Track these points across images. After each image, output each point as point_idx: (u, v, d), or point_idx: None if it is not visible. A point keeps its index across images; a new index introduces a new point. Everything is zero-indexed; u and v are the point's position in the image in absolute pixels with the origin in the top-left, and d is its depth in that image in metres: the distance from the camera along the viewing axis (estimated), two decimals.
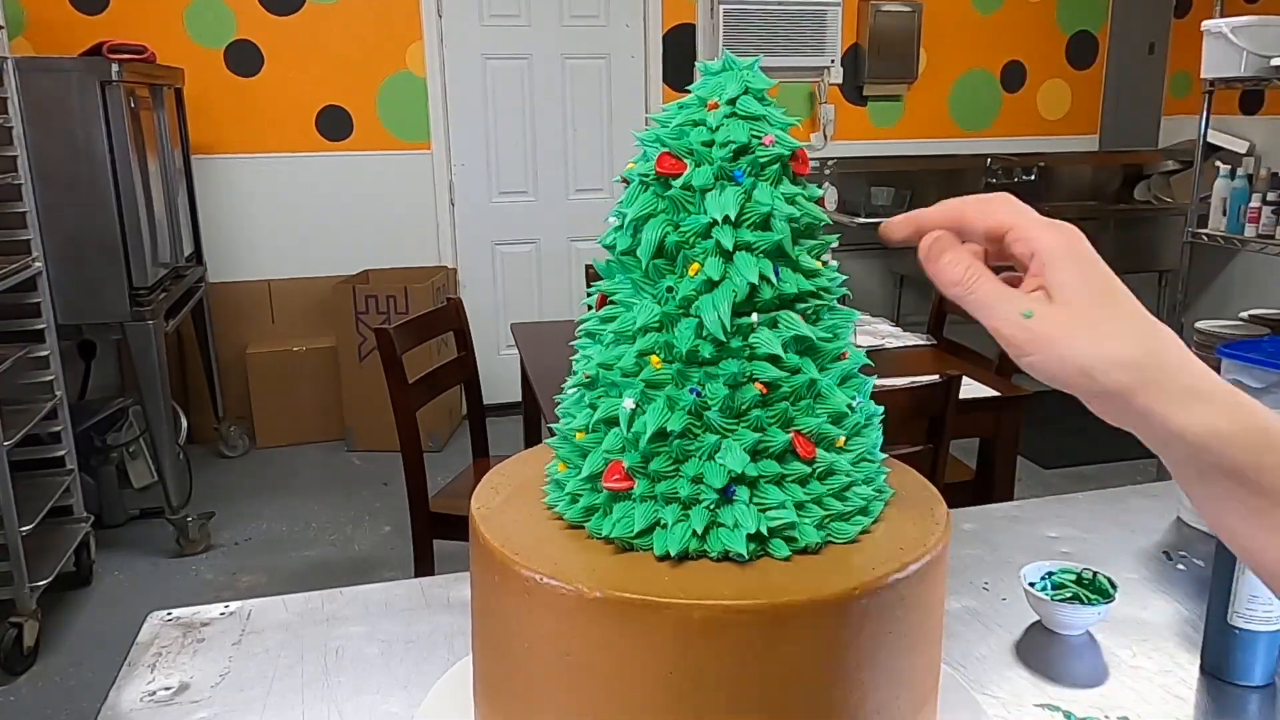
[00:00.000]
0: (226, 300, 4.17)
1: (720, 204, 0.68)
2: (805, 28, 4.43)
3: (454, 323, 2.54)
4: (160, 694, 0.94)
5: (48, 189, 2.85)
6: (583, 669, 0.64)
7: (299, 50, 4.10)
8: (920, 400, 1.74)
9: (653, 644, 0.62)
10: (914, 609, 0.67)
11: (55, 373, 2.78)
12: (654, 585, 0.63)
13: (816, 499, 0.68)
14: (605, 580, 0.64)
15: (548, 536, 0.70)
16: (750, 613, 0.61)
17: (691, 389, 0.67)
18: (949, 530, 0.72)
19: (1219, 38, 3.32)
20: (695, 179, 0.69)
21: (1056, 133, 5.11)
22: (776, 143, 0.70)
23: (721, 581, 0.64)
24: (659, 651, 0.62)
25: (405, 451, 2.22)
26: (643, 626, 0.62)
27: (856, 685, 0.65)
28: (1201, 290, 5.00)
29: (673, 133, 0.71)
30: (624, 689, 0.63)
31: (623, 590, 0.62)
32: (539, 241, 4.58)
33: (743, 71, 0.72)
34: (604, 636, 0.63)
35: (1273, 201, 3.34)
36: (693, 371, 0.68)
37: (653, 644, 0.62)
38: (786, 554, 0.67)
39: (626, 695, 0.63)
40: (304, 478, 3.88)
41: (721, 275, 0.68)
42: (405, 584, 1.15)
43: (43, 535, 2.68)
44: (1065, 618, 1.02)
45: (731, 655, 0.61)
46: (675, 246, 0.69)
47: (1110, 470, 3.80)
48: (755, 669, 0.62)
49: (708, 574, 0.65)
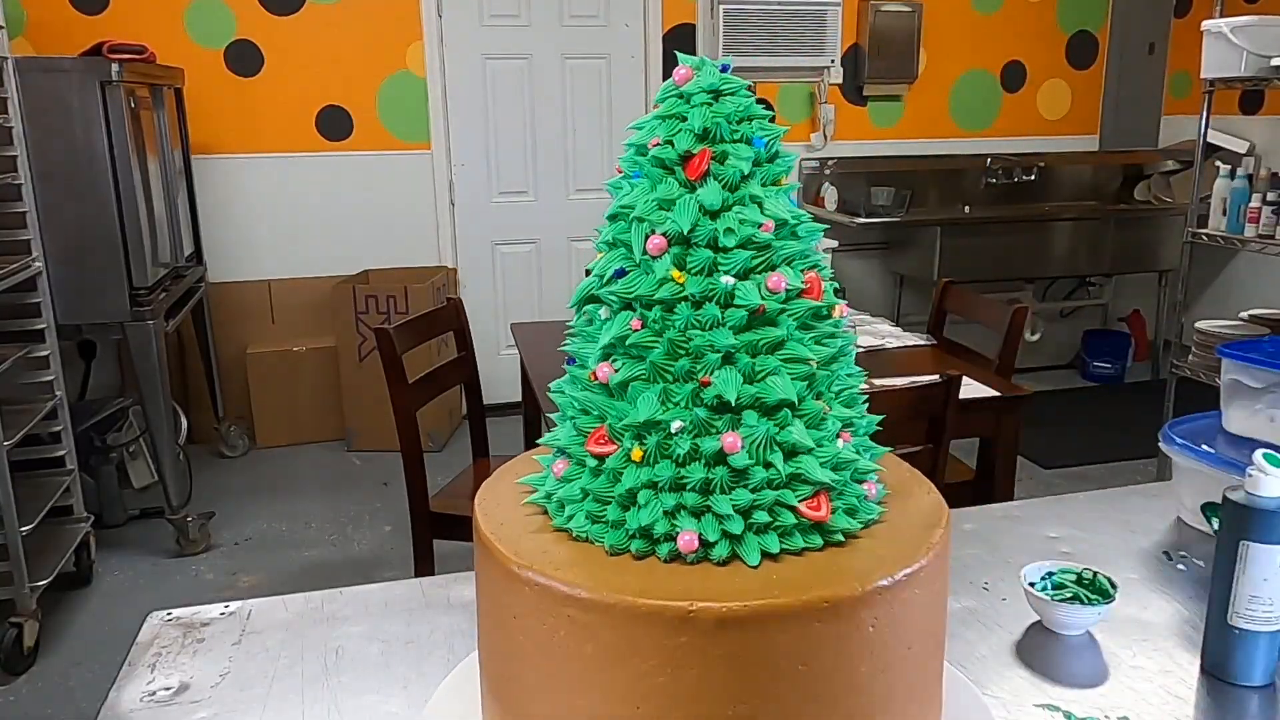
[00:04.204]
0: (226, 300, 4.17)
1: (611, 204, 0.75)
2: (805, 28, 4.43)
3: (454, 323, 2.54)
4: (160, 694, 0.93)
5: (48, 189, 2.85)
6: (588, 670, 0.64)
7: (299, 50, 4.10)
8: (920, 400, 1.74)
9: (655, 645, 0.62)
10: (914, 609, 0.67)
11: (55, 373, 2.77)
12: (656, 587, 0.63)
13: (598, 496, 0.71)
14: (608, 583, 0.64)
15: (551, 539, 0.71)
16: (751, 614, 0.61)
17: (569, 359, 0.77)
18: (949, 530, 0.72)
19: (1219, 38, 3.32)
20: (618, 178, 0.76)
21: (1056, 133, 5.11)
22: (666, 144, 0.73)
23: (723, 583, 0.64)
24: (661, 652, 0.62)
25: (405, 451, 2.22)
26: (645, 628, 0.62)
27: (858, 685, 0.65)
28: (1201, 290, 5.00)
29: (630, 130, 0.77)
30: (627, 689, 0.63)
31: (625, 593, 0.63)
32: (539, 241, 4.57)
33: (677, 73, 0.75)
34: (608, 638, 0.63)
35: (1273, 201, 3.34)
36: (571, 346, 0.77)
37: (655, 645, 0.62)
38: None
39: (630, 695, 0.63)
40: (304, 478, 3.88)
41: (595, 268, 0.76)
42: (405, 584, 1.15)
43: (43, 535, 2.68)
44: (1065, 618, 1.02)
45: (733, 656, 0.62)
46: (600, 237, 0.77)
47: (1110, 470, 3.79)
48: (757, 669, 0.62)
49: (709, 576, 0.65)
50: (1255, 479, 0.91)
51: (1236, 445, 1.30)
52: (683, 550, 0.66)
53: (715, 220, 0.70)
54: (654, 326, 0.70)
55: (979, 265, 4.49)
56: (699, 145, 0.71)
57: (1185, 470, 1.29)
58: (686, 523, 0.67)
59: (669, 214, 0.70)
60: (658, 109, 0.75)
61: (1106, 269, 4.85)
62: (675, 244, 0.70)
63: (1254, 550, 0.91)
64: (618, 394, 0.71)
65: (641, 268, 0.71)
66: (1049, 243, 4.62)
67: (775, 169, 0.74)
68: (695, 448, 0.67)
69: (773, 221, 0.71)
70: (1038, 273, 4.76)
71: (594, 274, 0.75)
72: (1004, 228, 4.58)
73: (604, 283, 0.73)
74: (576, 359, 0.76)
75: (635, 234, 0.71)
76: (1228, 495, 0.93)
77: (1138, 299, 5.30)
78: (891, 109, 4.86)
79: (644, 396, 0.69)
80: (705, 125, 0.71)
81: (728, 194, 0.71)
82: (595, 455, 0.70)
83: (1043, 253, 4.62)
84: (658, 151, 0.72)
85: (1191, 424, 1.36)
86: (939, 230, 4.40)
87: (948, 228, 4.42)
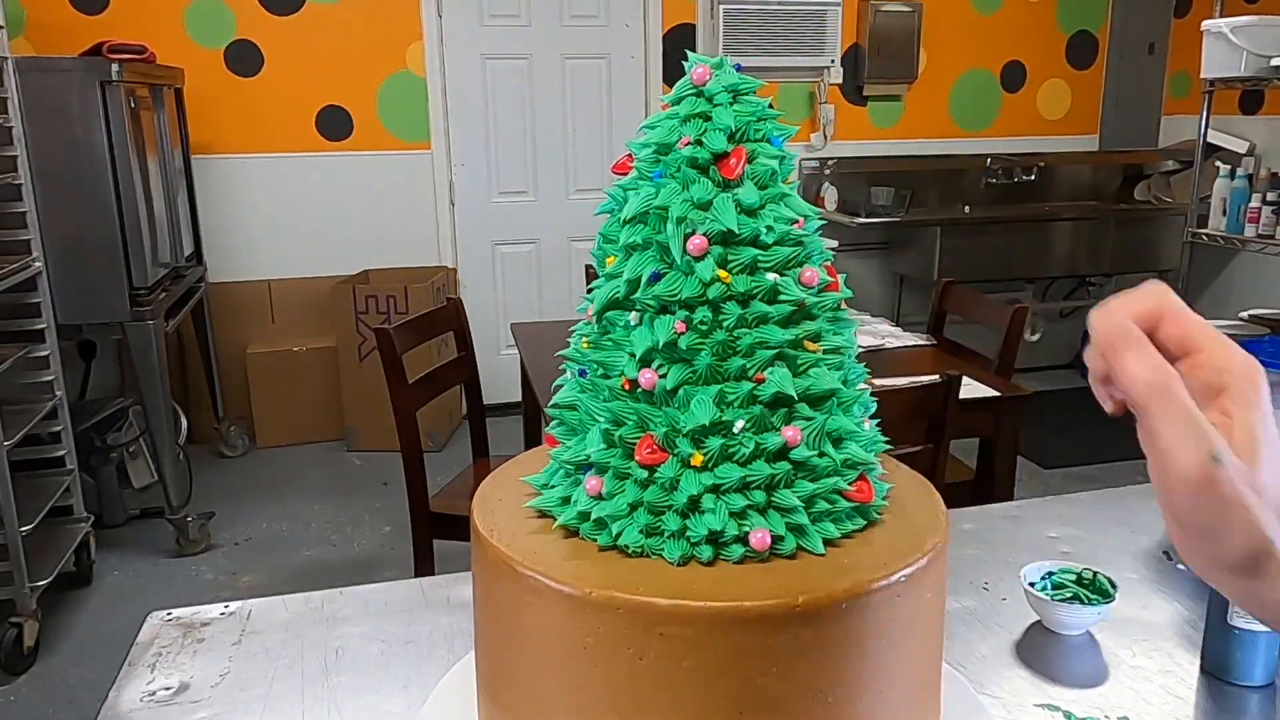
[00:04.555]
0: (226, 300, 4.17)
1: (631, 203, 0.71)
2: (805, 28, 4.44)
3: (454, 323, 2.54)
4: (160, 694, 0.94)
5: (48, 189, 2.85)
6: (584, 670, 0.64)
7: (299, 50, 4.10)
8: (920, 400, 1.74)
9: (653, 645, 0.62)
10: (914, 609, 0.67)
11: (55, 373, 2.77)
12: (654, 586, 0.63)
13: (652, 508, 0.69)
14: (606, 582, 0.64)
15: (549, 539, 0.71)
16: (751, 614, 0.61)
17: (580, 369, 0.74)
18: (949, 530, 0.72)
19: (1219, 38, 3.32)
20: (627, 178, 0.73)
21: (1056, 133, 5.11)
22: (695, 144, 0.71)
23: (722, 583, 0.64)
24: (659, 652, 0.62)
25: (405, 451, 2.22)
26: (643, 627, 0.62)
27: (856, 685, 0.65)
28: (1201, 290, 5.00)
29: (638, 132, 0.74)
30: (625, 689, 0.63)
31: (623, 591, 0.63)
32: (539, 241, 4.57)
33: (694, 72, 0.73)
34: (605, 638, 0.63)
35: (1273, 201, 3.34)
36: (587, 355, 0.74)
37: (653, 645, 0.62)
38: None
39: (627, 695, 0.63)
40: (304, 478, 3.88)
41: (617, 271, 0.71)
42: (405, 584, 1.15)
43: (43, 535, 2.68)
44: (1065, 618, 1.02)
45: (732, 656, 0.62)
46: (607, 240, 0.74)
47: (1110, 470, 3.79)
48: (756, 669, 0.62)
49: (708, 576, 0.65)
50: None
51: None
52: (757, 548, 0.67)
53: (754, 218, 0.70)
54: (700, 329, 0.69)
55: (979, 265, 4.49)
56: (730, 144, 0.71)
57: None
58: (757, 521, 0.67)
59: (707, 214, 0.70)
60: (672, 108, 0.73)
61: (1106, 269, 4.85)
62: (715, 243, 0.70)
63: None
64: (663, 400, 0.69)
65: (677, 269, 0.69)
66: (1049, 243, 4.62)
67: (787, 168, 0.75)
68: (758, 446, 0.68)
69: (804, 218, 0.72)
70: (1038, 273, 4.76)
71: (620, 278, 0.71)
72: (1004, 228, 4.58)
73: (642, 287, 0.70)
74: (597, 368, 0.73)
75: (674, 235, 0.69)
76: None
77: None
78: (891, 109, 4.86)
79: (698, 400, 0.68)
80: (734, 124, 0.71)
81: (761, 192, 0.71)
82: (645, 466, 0.68)
83: (1043, 253, 4.62)
84: (689, 151, 0.71)
85: None
86: (939, 230, 4.40)
87: (948, 228, 4.42)
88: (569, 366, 0.76)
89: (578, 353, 0.75)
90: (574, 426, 0.74)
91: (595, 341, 0.74)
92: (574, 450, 0.72)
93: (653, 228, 0.71)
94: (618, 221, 0.73)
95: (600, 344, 0.73)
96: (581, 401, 0.73)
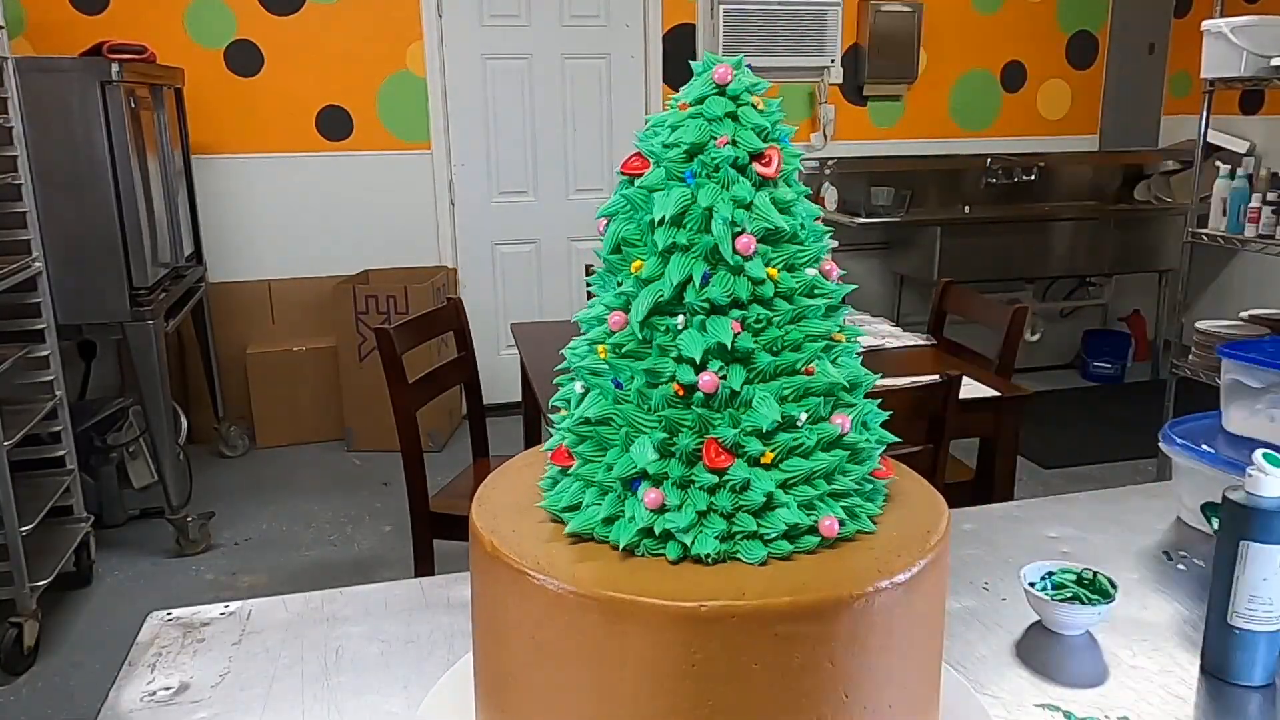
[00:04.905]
0: (226, 300, 4.17)
1: (662, 204, 0.69)
2: (805, 28, 4.44)
3: (454, 323, 2.54)
4: (160, 694, 0.93)
5: (48, 189, 2.85)
6: (582, 669, 0.64)
7: (299, 50, 4.10)
8: (920, 400, 1.74)
9: (652, 644, 0.62)
10: (914, 609, 0.67)
11: (55, 373, 2.77)
12: (653, 586, 0.63)
13: (725, 512, 0.67)
14: (604, 582, 0.64)
15: (547, 538, 0.71)
16: (751, 613, 0.61)
17: (614, 380, 0.71)
18: (949, 530, 0.72)
19: (1219, 37, 3.32)
20: (650, 179, 0.71)
21: (1056, 133, 5.11)
22: (731, 144, 0.70)
23: (722, 583, 0.64)
24: (659, 652, 0.62)
25: (405, 451, 2.22)
26: (642, 627, 0.62)
27: (856, 685, 0.65)
28: (1201, 290, 5.00)
29: (649, 132, 0.74)
30: (623, 689, 0.63)
31: (622, 591, 0.63)
32: (539, 241, 4.57)
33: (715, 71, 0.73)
34: (603, 637, 0.63)
35: (1273, 201, 3.34)
36: (623, 364, 0.70)
37: (652, 644, 0.62)
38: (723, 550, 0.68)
39: (625, 695, 0.63)
40: (304, 478, 3.88)
41: (654, 275, 0.70)
42: (405, 584, 1.15)
43: (43, 535, 2.68)
44: (1065, 618, 1.02)
45: (733, 655, 0.62)
46: (627, 244, 0.73)
47: (1110, 470, 3.79)
48: (756, 669, 0.62)
49: (708, 575, 0.65)
50: (1255, 479, 0.91)
51: (1236, 445, 1.30)
52: (825, 535, 0.68)
53: (791, 215, 0.72)
54: (755, 327, 0.69)
55: (979, 265, 4.49)
56: (763, 144, 0.72)
57: (1185, 470, 1.29)
58: (823, 510, 0.69)
59: (750, 213, 0.70)
60: (693, 107, 0.72)
61: (1106, 269, 4.85)
62: (761, 241, 0.70)
63: (1254, 550, 0.91)
64: (724, 403, 0.68)
65: (724, 269, 0.69)
66: (1049, 243, 4.62)
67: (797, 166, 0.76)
68: (819, 437, 0.70)
69: (822, 214, 0.75)
70: (1038, 273, 4.76)
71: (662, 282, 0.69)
72: (1004, 228, 4.58)
73: (694, 290, 0.68)
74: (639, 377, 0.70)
75: (724, 235, 0.68)
76: (1228, 495, 0.93)
77: (1138, 299, 5.30)
78: (891, 109, 4.86)
79: (760, 398, 0.68)
80: (763, 124, 0.72)
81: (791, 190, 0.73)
82: (714, 470, 0.67)
83: (1043, 253, 4.62)
84: (728, 151, 0.70)
85: (1191, 424, 1.36)
86: (939, 230, 4.40)
87: (948, 228, 4.42)
88: (589, 381, 0.73)
89: (604, 363, 0.71)
90: (604, 441, 0.71)
91: (634, 350, 0.71)
92: (621, 466, 0.69)
93: (691, 229, 0.69)
94: (635, 223, 0.72)
95: (640, 352, 0.71)
96: (621, 414, 0.70)
